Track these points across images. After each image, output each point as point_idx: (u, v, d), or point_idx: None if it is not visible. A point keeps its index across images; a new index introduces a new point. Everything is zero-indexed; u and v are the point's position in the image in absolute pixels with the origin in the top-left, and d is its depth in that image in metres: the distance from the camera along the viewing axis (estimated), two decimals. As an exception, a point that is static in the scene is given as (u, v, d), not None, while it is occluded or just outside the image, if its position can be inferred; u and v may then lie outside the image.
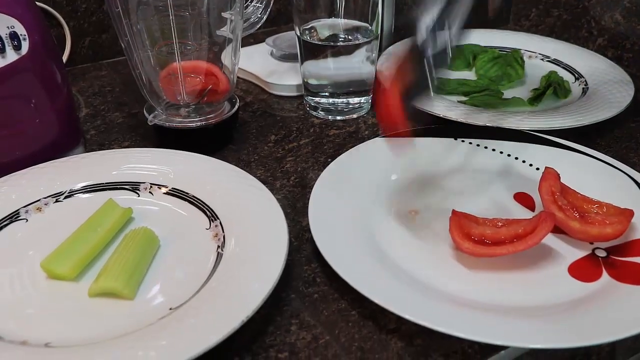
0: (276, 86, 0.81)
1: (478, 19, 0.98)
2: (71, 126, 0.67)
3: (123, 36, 0.65)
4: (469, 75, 0.86)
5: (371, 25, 0.71)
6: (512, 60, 0.85)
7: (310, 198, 0.56)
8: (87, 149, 0.69)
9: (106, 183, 0.59)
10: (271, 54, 0.88)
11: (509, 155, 0.65)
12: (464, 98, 0.78)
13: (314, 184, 0.58)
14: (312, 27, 0.72)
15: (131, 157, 0.62)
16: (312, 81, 0.74)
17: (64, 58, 0.88)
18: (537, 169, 0.63)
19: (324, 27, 0.72)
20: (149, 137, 0.71)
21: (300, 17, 0.71)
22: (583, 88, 0.80)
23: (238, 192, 0.57)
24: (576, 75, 0.84)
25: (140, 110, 0.73)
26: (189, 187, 0.58)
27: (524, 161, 0.64)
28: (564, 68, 0.86)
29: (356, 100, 0.75)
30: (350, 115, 0.76)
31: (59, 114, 0.64)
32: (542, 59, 0.89)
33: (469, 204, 0.59)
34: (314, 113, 0.76)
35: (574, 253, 0.53)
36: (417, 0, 0.52)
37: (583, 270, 0.52)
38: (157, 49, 0.65)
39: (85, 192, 0.59)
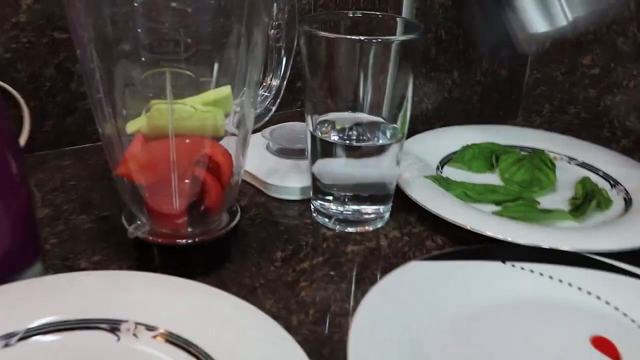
0: (277, 188, 0.68)
1: (487, 113, 0.90)
2: (28, 236, 0.52)
3: (102, 121, 0.52)
4: (493, 178, 0.75)
5: (396, 123, 0.61)
6: (540, 163, 0.76)
7: (349, 347, 0.43)
8: (47, 264, 0.54)
9: (75, 320, 0.45)
10: (267, 147, 0.76)
11: (569, 284, 0.54)
12: (496, 208, 0.68)
13: (342, 321, 0.46)
14: (327, 121, 0.61)
15: (109, 282, 0.48)
16: (326, 181, 0.62)
17: (21, 143, 0.74)
18: (617, 308, 0.52)
19: (342, 121, 0.61)
20: (125, 250, 0.57)
21: (315, 108, 0.60)
22: (624, 197, 0.71)
23: (249, 338, 0.43)
24: (612, 182, 0.74)
25: (112, 212, 0.60)
26: (186, 330, 0.44)
27: (589, 292, 0.53)
28: (595, 173, 0.76)
29: (375, 208, 0.64)
30: (367, 228, 0.63)
31: (13, 222, 0.49)
32: (568, 162, 0.79)
33: (539, 353, 0.47)
34: (324, 222, 0.64)
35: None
36: None
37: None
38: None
39: (47, 332, 0.44)
